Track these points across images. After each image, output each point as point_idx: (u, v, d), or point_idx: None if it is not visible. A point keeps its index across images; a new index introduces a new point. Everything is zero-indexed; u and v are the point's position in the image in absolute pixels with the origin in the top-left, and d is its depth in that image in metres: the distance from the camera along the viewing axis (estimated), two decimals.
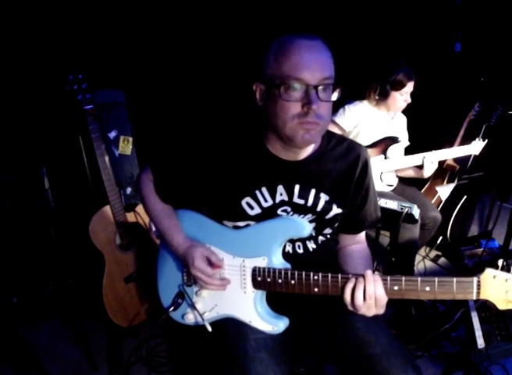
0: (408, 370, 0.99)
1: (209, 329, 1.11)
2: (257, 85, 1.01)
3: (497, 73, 2.96)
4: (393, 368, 0.99)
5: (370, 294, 0.92)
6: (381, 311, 0.95)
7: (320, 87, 0.91)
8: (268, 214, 1.08)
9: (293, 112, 0.92)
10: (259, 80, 0.99)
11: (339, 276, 0.97)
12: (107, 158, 1.77)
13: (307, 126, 0.93)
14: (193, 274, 1.09)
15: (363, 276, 0.93)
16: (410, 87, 2.13)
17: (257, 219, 1.09)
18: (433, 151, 2.18)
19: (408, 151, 2.33)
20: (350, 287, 0.94)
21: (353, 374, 1.07)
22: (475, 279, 0.87)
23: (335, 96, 0.96)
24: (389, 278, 0.93)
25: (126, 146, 2.37)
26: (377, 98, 2.18)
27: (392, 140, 2.19)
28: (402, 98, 2.14)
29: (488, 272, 0.86)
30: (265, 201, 1.07)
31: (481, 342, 1.65)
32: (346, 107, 2.19)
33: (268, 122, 1.00)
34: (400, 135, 2.27)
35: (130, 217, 1.89)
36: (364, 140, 2.18)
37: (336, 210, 1.11)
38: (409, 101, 2.16)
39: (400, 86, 2.11)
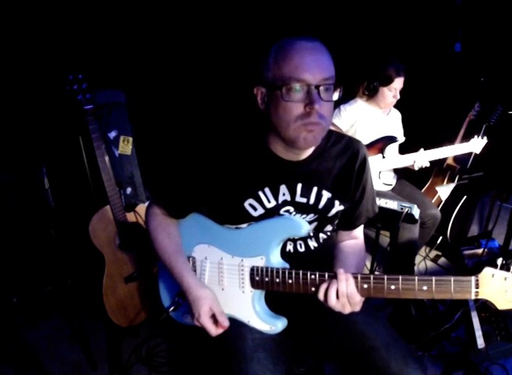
0: (409, 361, 0.99)
1: None
2: (258, 89, 1.00)
3: (497, 73, 2.96)
4: (393, 359, 0.99)
5: (342, 292, 0.93)
6: (357, 308, 0.97)
7: (321, 87, 0.91)
8: (271, 215, 1.08)
9: (295, 113, 0.92)
10: (260, 84, 0.99)
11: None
12: (107, 158, 1.78)
13: (310, 127, 0.93)
14: (196, 324, 1.09)
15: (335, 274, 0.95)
16: (398, 83, 2.13)
17: (261, 220, 1.08)
18: (430, 150, 2.19)
19: (408, 150, 2.33)
20: (324, 286, 0.96)
21: (354, 369, 1.08)
22: (473, 278, 0.86)
23: (336, 96, 0.96)
24: (386, 277, 0.92)
25: (126, 146, 2.37)
26: (366, 93, 2.20)
27: (391, 139, 2.20)
28: (391, 93, 2.15)
29: (487, 271, 0.85)
30: (268, 201, 1.07)
31: (481, 342, 1.65)
32: (342, 107, 2.21)
33: (271, 124, 1.00)
34: (396, 131, 2.29)
35: (130, 217, 1.89)
36: (361, 138, 2.17)
37: (338, 207, 1.11)
38: (398, 97, 2.17)
39: (388, 81, 2.11)
